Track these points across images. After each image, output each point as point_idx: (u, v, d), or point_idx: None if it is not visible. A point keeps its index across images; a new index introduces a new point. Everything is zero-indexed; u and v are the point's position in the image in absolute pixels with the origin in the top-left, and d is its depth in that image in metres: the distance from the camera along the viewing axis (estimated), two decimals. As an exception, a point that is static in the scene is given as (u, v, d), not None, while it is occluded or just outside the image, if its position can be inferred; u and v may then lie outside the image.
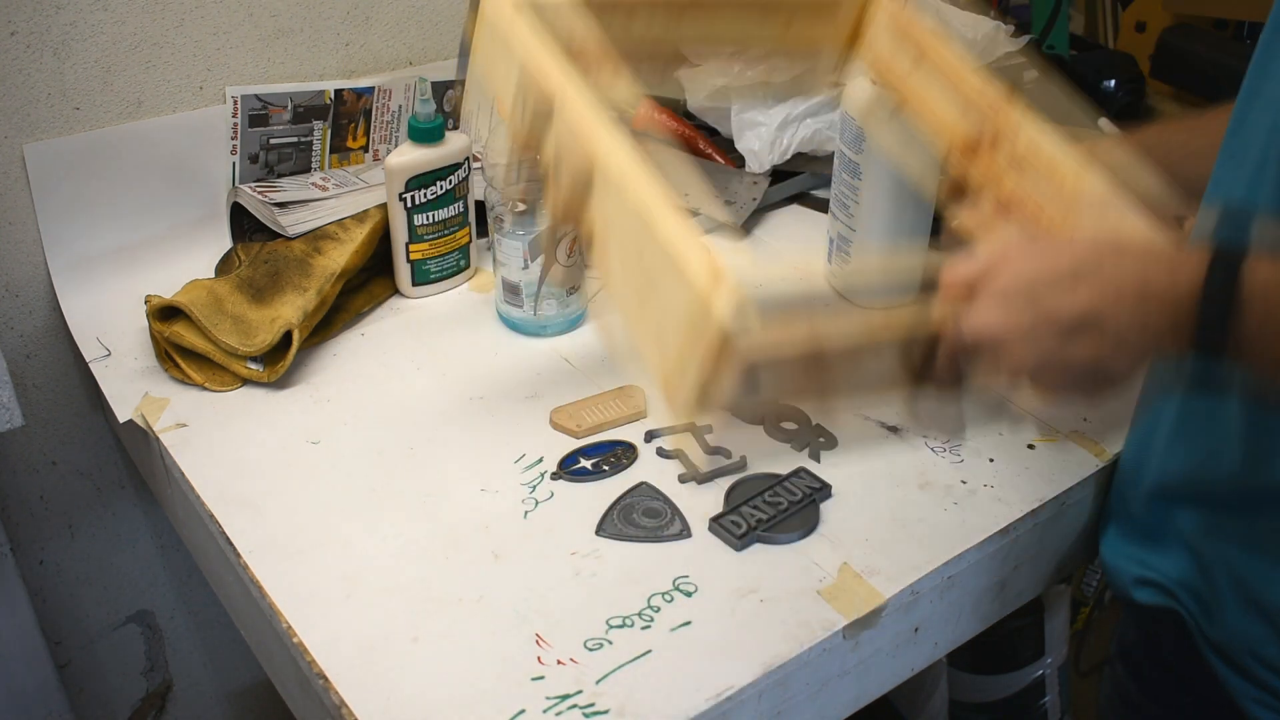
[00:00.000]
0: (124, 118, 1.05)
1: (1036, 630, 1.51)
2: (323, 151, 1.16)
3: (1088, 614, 1.85)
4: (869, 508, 0.84)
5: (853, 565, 0.79)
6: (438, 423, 0.93)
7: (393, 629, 0.74)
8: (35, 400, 1.10)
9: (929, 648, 0.85)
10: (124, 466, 1.19)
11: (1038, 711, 1.55)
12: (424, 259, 1.07)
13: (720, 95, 1.22)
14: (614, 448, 0.90)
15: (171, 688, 1.34)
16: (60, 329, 1.07)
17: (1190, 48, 1.37)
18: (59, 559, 1.19)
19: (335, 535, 0.82)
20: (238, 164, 1.11)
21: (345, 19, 1.14)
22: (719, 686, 0.70)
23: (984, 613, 0.88)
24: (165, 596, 1.29)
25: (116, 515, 1.21)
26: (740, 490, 0.85)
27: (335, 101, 1.14)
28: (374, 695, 0.70)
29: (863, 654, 0.78)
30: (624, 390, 0.95)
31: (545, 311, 1.02)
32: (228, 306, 0.98)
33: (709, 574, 0.79)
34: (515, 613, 0.76)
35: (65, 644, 1.23)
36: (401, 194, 1.03)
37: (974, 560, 0.82)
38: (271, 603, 0.77)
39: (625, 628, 0.74)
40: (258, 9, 1.08)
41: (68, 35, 0.99)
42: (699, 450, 0.90)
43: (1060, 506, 0.86)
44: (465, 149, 1.06)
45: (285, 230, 1.05)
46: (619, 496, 0.85)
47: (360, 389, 0.97)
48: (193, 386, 0.96)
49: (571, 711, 0.69)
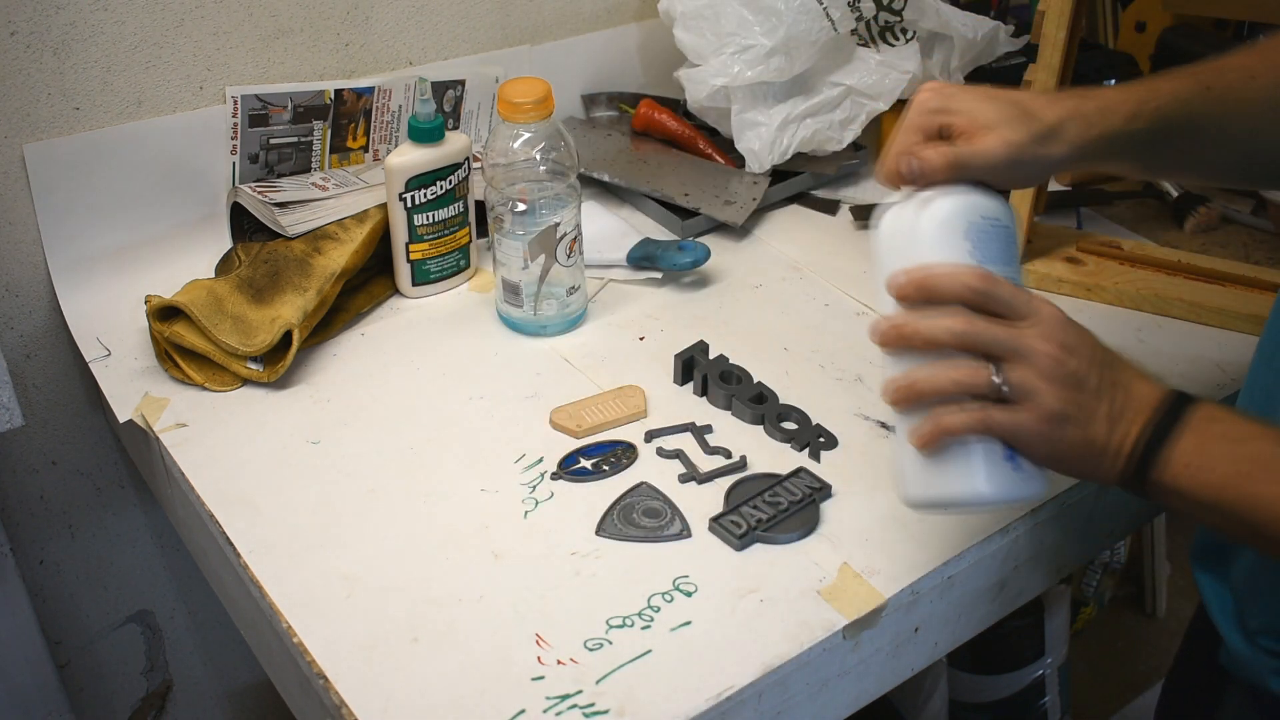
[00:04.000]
0: (124, 118, 1.05)
1: (1036, 630, 1.51)
2: (323, 151, 1.16)
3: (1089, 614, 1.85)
4: (869, 508, 0.84)
5: (853, 565, 0.79)
6: (438, 423, 0.93)
7: (393, 629, 0.74)
8: (35, 400, 1.10)
9: (929, 648, 0.85)
10: (124, 466, 1.19)
11: (1038, 711, 1.55)
12: (424, 259, 1.07)
13: (720, 95, 1.22)
14: (614, 448, 0.90)
15: (171, 688, 1.34)
16: (60, 329, 1.07)
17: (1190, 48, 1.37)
18: (59, 559, 1.19)
19: (335, 535, 0.82)
20: (238, 164, 1.11)
21: (345, 19, 1.14)
22: (719, 686, 0.70)
23: (984, 613, 0.88)
24: (165, 596, 1.29)
25: (116, 515, 1.21)
26: (740, 490, 0.85)
27: (335, 101, 1.14)
28: (374, 695, 0.70)
29: (863, 654, 0.78)
30: (624, 390, 0.95)
31: (545, 311, 1.02)
32: (228, 306, 0.98)
33: (709, 574, 0.79)
34: (515, 613, 0.76)
35: (65, 644, 1.23)
36: (401, 194, 1.03)
37: (974, 560, 0.82)
38: (271, 603, 0.77)
39: (625, 628, 0.74)
40: (258, 9, 1.08)
41: (68, 35, 0.99)
42: (699, 450, 0.90)
43: (1060, 506, 0.86)
44: (465, 149, 1.06)
45: (285, 230, 1.05)
46: (619, 496, 0.85)
47: (360, 389, 0.97)
48: (193, 386, 0.96)
49: (571, 711, 0.69)
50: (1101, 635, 1.88)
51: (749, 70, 1.19)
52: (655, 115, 1.29)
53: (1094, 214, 1.24)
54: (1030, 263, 1.10)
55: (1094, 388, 0.65)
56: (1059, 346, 0.65)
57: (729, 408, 0.94)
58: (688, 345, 0.98)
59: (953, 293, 0.65)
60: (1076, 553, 0.95)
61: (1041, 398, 0.64)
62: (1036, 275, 1.09)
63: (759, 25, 1.19)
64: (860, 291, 1.09)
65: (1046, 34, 0.99)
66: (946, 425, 0.65)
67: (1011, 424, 0.65)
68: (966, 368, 0.65)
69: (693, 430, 0.92)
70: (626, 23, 1.34)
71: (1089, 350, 0.66)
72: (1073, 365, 0.65)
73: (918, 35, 1.28)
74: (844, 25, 1.21)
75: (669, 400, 0.95)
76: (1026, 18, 1.44)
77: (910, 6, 1.26)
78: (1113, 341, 0.69)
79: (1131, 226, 1.22)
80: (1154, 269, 1.10)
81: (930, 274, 0.66)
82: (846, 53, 1.26)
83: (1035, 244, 1.12)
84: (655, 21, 1.30)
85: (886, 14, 1.26)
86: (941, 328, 0.65)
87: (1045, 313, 0.66)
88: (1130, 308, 1.07)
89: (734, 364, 0.96)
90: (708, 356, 0.97)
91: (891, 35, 1.28)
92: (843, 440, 0.90)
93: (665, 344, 1.01)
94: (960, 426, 0.65)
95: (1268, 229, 1.21)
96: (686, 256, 1.08)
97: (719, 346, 0.99)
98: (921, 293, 0.66)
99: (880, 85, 1.24)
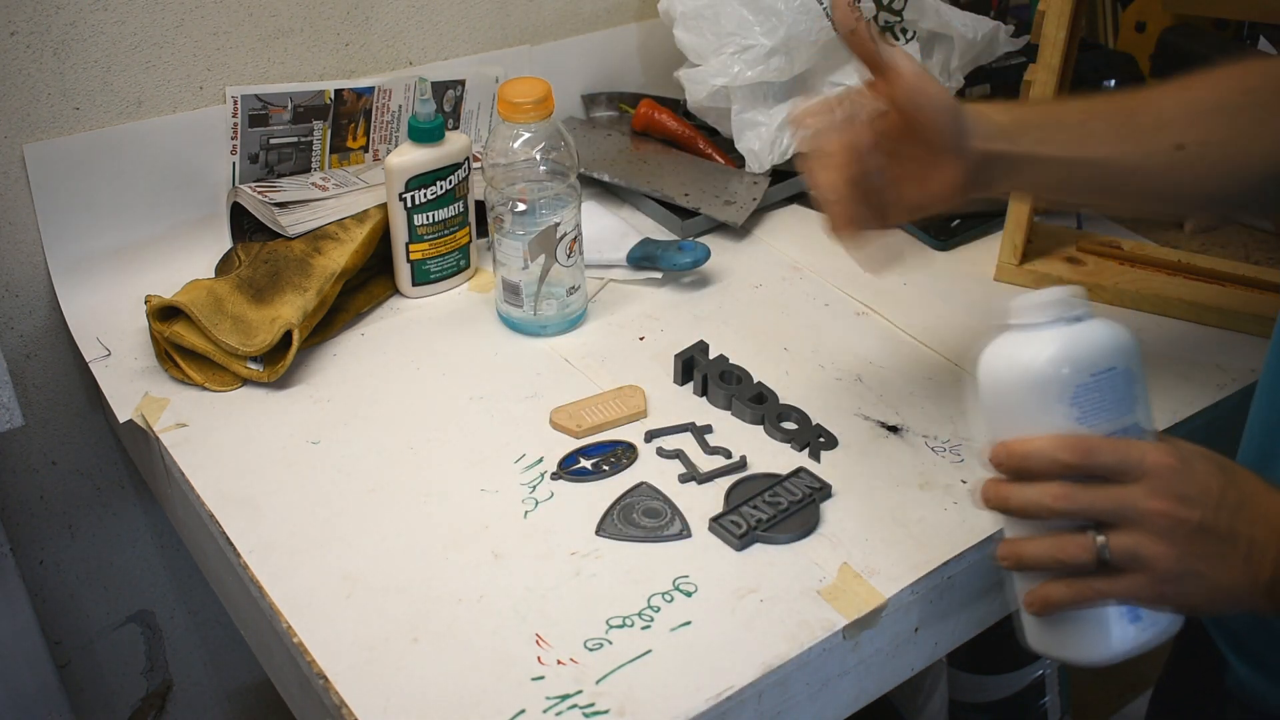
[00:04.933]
0: (124, 118, 1.05)
1: (1037, 630, 1.51)
2: (323, 151, 1.16)
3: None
4: (869, 508, 0.84)
5: (853, 565, 0.79)
6: (438, 423, 0.93)
7: (393, 629, 0.74)
8: (35, 400, 1.10)
9: (929, 648, 0.85)
10: (124, 466, 1.19)
11: (1038, 711, 1.55)
12: (424, 259, 1.07)
13: (720, 95, 1.22)
14: (614, 448, 0.90)
15: (171, 687, 1.34)
16: (60, 329, 1.07)
17: (1190, 48, 1.36)
18: (59, 559, 1.19)
19: (335, 535, 0.82)
20: (238, 164, 1.11)
21: (345, 19, 1.14)
22: (719, 686, 0.70)
23: (984, 613, 0.88)
24: (165, 596, 1.29)
25: (116, 515, 1.21)
26: (740, 490, 0.85)
27: (335, 101, 1.14)
28: (374, 695, 0.70)
29: (863, 654, 0.78)
30: (624, 390, 0.95)
31: (545, 311, 1.02)
32: (228, 306, 0.97)
33: (709, 574, 0.79)
34: (515, 613, 0.76)
35: (65, 644, 1.23)
36: (401, 194, 1.03)
37: (974, 560, 0.82)
38: (271, 603, 0.77)
39: (625, 628, 0.74)
40: (258, 9, 1.08)
41: (68, 35, 0.99)
42: (699, 450, 0.90)
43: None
44: (465, 149, 1.06)
45: (285, 230, 1.05)
46: (619, 496, 0.85)
47: (360, 389, 0.97)
48: (193, 386, 0.96)
49: (571, 711, 0.69)
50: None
51: (749, 70, 1.19)
52: (655, 115, 1.29)
53: (1094, 214, 1.24)
54: (1030, 263, 1.10)
55: (1223, 533, 0.61)
56: (1174, 501, 0.61)
57: (729, 408, 0.94)
58: (688, 345, 0.98)
59: (1048, 472, 0.62)
60: (1076, 553, 0.95)
61: (1156, 563, 0.61)
62: (1036, 275, 1.09)
63: (759, 25, 1.19)
64: (860, 291, 1.09)
65: (1046, 34, 0.99)
66: (1053, 600, 0.63)
67: (1123, 592, 0.62)
68: (1068, 544, 0.62)
69: (693, 430, 0.92)
70: (626, 23, 1.34)
71: (1213, 495, 0.61)
72: (1194, 518, 0.61)
73: (918, 35, 1.27)
74: (844, 25, 1.21)
75: (669, 400, 0.95)
76: (1026, 18, 1.44)
77: (910, 6, 1.26)
78: None
79: (1131, 226, 1.22)
80: (1154, 269, 1.10)
81: (1026, 451, 0.63)
82: (846, 53, 1.25)
83: (1035, 244, 1.12)
84: (655, 21, 1.30)
85: (886, 14, 1.26)
86: (1039, 502, 0.62)
87: (1157, 465, 0.61)
88: (1130, 308, 1.07)
89: (734, 364, 0.96)
90: (708, 356, 0.97)
91: (891, 35, 1.28)
92: (843, 440, 0.90)
93: (665, 344, 1.01)
94: (1067, 602, 0.63)
95: (1268, 229, 1.21)
96: (686, 256, 1.09)
97: (719, 346, 0.99)
98: (1018, 470, 0.63)
99: (880, 85, 1.24)
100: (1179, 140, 0.74)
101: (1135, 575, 0.61)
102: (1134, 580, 0.61)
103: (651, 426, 0.92)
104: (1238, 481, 0.63)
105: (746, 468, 0.88)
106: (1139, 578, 0.61)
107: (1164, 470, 0.61)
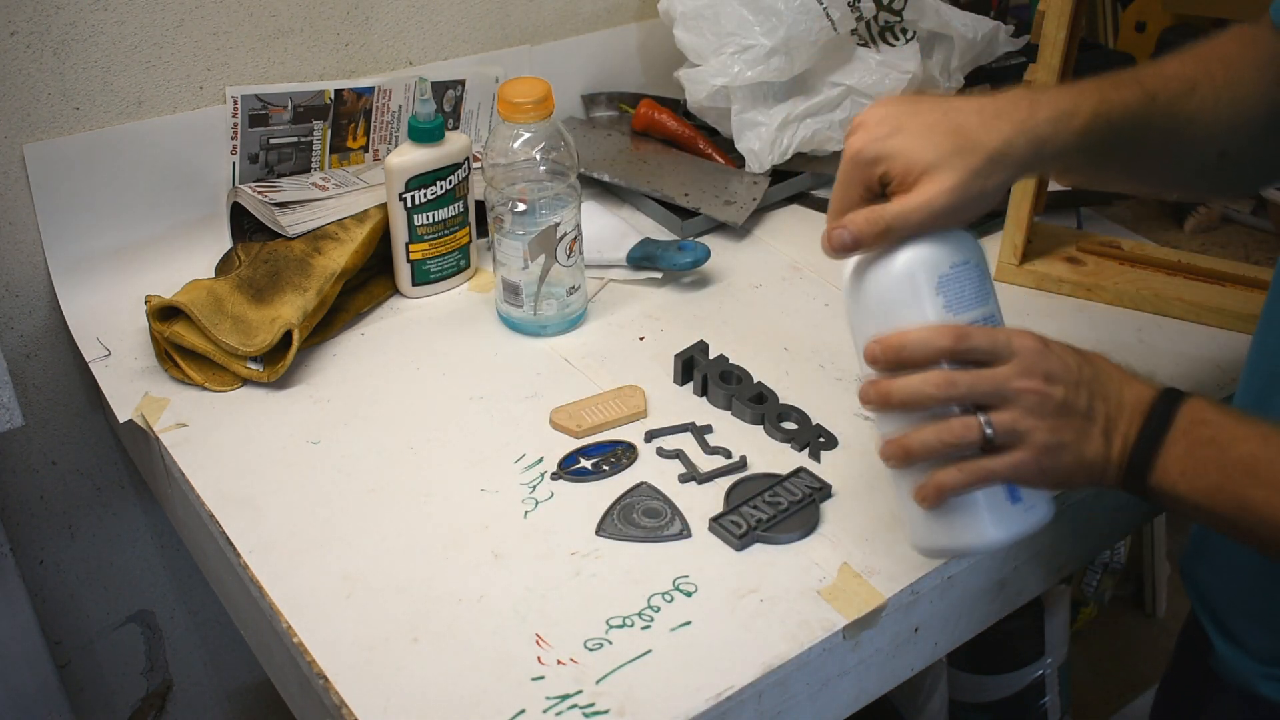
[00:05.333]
0: (124, 118, 1.05)
1: (1036, 630, 1.51)
2: (323, 151, 1.16)
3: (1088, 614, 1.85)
4: (869, 508, 0.84)
5: (853, 565, 0.79)
6: (438, 423, 0.93)
7: (393, 629, 0.75)
8: (35, 400, 1.10)
9: (929, 648, 0.85)
10: (124, 466, 1.19)
11: (1038, 711, 1.55)
12: (424, 259, 1.07)
13: (720, 95, 1.22)
14: (614, 448, 0.90)
15: (171, 687, 1.34)
16: (60, 329, 1.07)
17: (1190, 48, 1.36)
18: (59, 559, 1.19)
19: (335, 535, 0.82)
20: (238, 164, 1.11)
21: (345, 19, 1.14)
22: (719, 686, 0.70)
23: (984, 613, 0.88)
24: (165, 596, 1.29)
25: (116, 515, 1.21)
26: (740, 490, 0.85)
27: (335, 101, 1.14)
28: (374, 695, 0.70)
29: (863, 654, 0.78)
30: (624, 390, 0.95)
31: (545, 311, 1.02)
32: (228, 306, 0.98)
33: (709, 574, 0.79)
34: (515, 613, 0.76)
35: (65, 644, 1.23)
36: (401, 194, 1.03)
37: (974, 560, 0.82)
38: (271, 603, 0.77)
39: (625, 628, 0.74)
40: (258, 9, 1.08)
41: (68, 35, 0.99)
42: (699, 450, 0.90)
43: (1060, 507, 0.86)
44: (465, 149, 1.06)
45: (285, 230, 1.05)
46: (619, 496, 0.85)
47: (360, 389, 0.97)
48: (193, 386, 0.96)
49: (571, 711, 0.69)
50: (1101, 635, 1.88)
51: (749, 70, 1.19)
52: (655, 115, 1.29)
53: (1094, 214, 1.24)
54: (1030, 262, 1.10)
55: (1083, 409, 0.66)
56: (1041, 379, 0.65)
57: (729, 408, 0.94)
58: (688, 345, 0.98)
59: (927, 358, 0.65)
60: (1076, 553, 0.96)
61: (1033, 435, 0.64)
62: (1036, 275, 1.09)
63: (759, 25, 1.19)
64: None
65: (1046, 34, 0.99)
66: (946, 485, 0.65)
67: (1009, 468, 0.65)
68: (955, 425, 0.65)
69: (693, 430, 0.92)
70: (626, 23, 1.34)
71: (1072, 373, 0.66)
72: (1059, 394, 0.65)
73: (918, 35, 1.28)
74: (844, 25, 1.21)
75: (669, 400, 0.95)
76: (1026, 18, 1.44)
77: (910, 6, 1.26)
78: (1113, 342, 0.69)
79: (1131, 226, 1.22)
80: (1154, 269, 1.10)
81: (903, 342, 0.65)
82: (846, 53, 1.26)
83: (1035, 244, 1.12)
84: (655, 21, 1.30)
85: (886, 14, 1.26)
86: (922, 390, 0.65)
87: (1023, 347, 0.65)
88: (1130, 308, 1.07)
89: (734, 364, 0.96)
90: (708, 356, 0.97)
91: (891, 35, 1.28)
92: (843, 440, 0.90)
93: (665, 344, 1.01)
94: (960, 484, 0.65)
95: (1268, 229, 1.21)
96: (686, 256, 1.08)
97: (719, 346, 0.99)
98: (897, 361, 0.66)
99: (880, 85, 1.24)
100: (1191, 80, 0.75)
101: (1017, 451, 0.65)
102: (1016, 456, 0.65)
103: (651, 426, 0.92)
104: (1091, 360, 0.68)
105: (746, 468, 0.88)
106: (1020, 453, 0.65)
107: (1029, 351, 0.65)
